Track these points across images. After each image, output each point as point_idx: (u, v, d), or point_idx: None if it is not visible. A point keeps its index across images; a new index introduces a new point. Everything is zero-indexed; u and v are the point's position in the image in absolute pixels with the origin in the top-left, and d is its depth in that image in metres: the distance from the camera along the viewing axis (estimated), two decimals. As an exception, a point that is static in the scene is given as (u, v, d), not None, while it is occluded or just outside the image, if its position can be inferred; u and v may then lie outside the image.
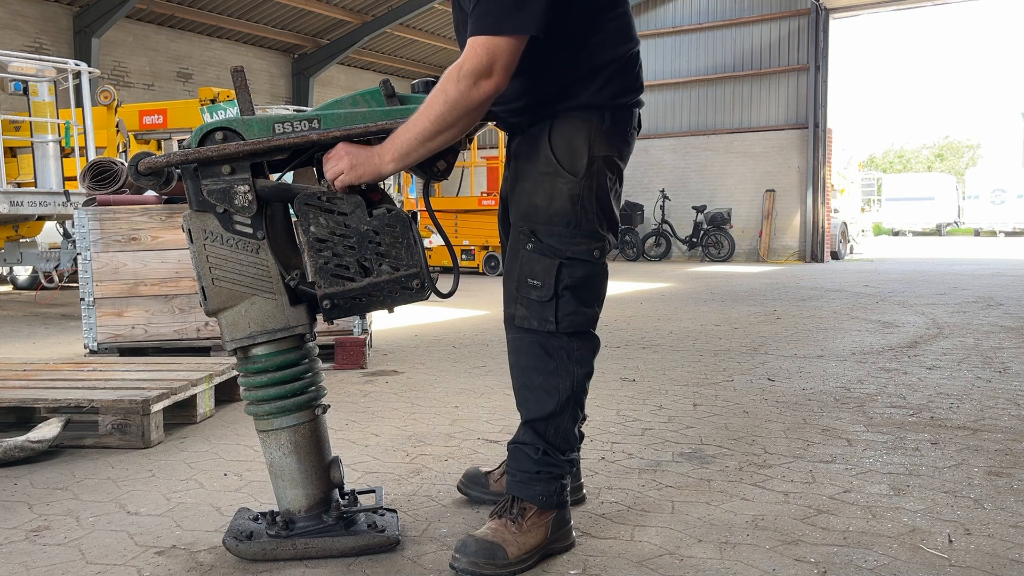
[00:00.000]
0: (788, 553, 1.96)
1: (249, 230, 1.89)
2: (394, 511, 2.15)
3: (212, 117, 7.15)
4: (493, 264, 12.92)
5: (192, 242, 1.90)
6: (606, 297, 2.11)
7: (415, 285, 1.93)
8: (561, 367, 1.96)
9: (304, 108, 15.12)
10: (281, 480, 1.99)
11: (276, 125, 1.87)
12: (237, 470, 2.69)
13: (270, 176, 1.97)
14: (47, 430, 2.84)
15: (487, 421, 3.32)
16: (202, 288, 1.91)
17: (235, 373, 3.67)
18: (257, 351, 1.95)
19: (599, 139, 1.93)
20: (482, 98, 1.78)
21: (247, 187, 1.87)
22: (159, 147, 10.58)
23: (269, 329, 1.92)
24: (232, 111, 7.45)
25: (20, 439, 2.76)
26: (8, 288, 10.87)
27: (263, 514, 2.05)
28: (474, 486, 2.35)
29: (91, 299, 4.54)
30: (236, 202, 1.87)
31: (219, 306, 1.92)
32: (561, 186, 1.92)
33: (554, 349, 1.96)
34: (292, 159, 1.95)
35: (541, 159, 1.94)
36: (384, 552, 1.98)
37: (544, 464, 1.98)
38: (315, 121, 1.88)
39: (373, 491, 2.24)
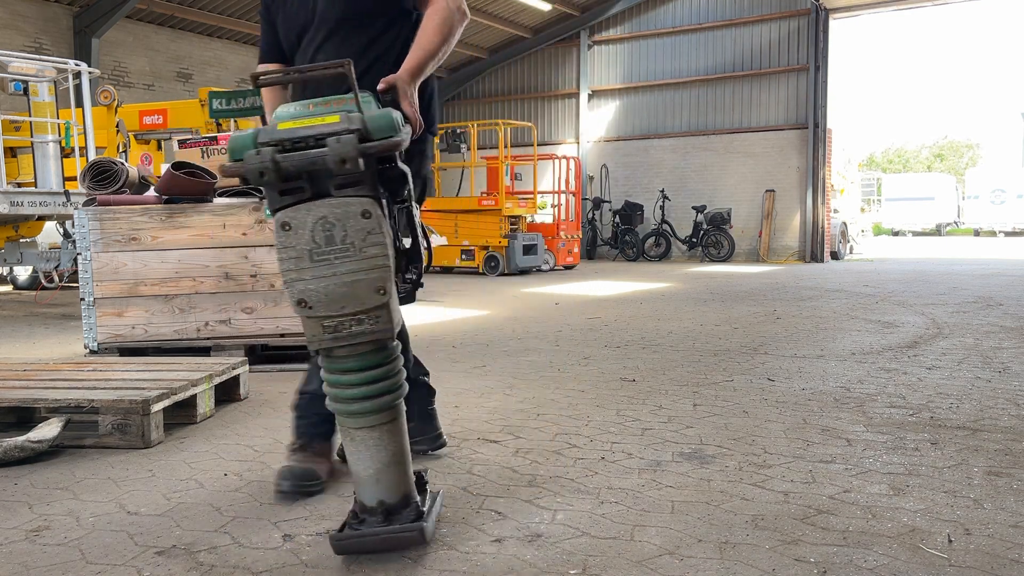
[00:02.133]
0: (788, 553, 1.97)
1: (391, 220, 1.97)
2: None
3: (228, 105, 7.53)
4: (493, 264, 12.92)
5: (382, 230, 1.87)
6: (607, 297, 2.21)
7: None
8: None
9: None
10: (397, 468, 1.98)
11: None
12: (237, 470, 2.69)
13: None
14: (47, 430, 2.84)
15: (487, 421, 3.31)
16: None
17: (236, 373, 3.68)
18: (393, 342, 2.00)
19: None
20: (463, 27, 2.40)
21: (410, 177, 1.97)
22: (159, 147, 10.57)
23: (400, 318, 1.99)
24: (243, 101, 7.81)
25: (20, 439, 2.76)
26: (8, 288, 10.87)
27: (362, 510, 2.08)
28: (312, 482, 2.44)
29: (91, 299, 4.54)
30: (406, 191, 1.97)
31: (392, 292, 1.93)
32: None
33: None
34: None
35: None
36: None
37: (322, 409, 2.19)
38: None
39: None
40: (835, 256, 17.20)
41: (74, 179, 7.26)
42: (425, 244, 2.14)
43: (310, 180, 1.84)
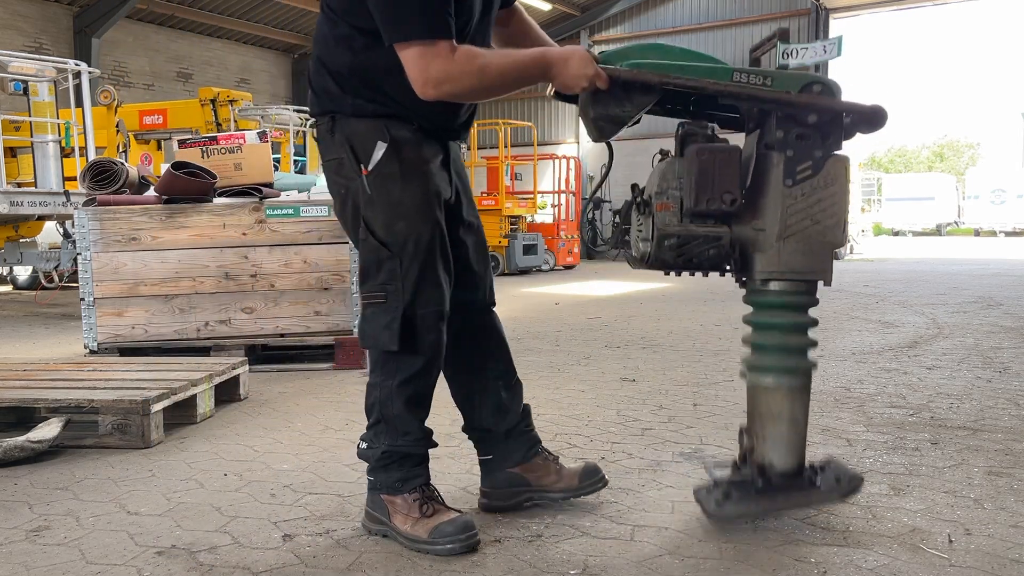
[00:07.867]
0: (788, 553, 1.96)
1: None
2: None
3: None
4: (493, 264, 12.93)
5: (837, 183, 2.10)
6: (607, 297, 2.17)
7: None
8: None
9: (304, 108, 15.08)
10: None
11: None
12: (237, 470, 2.69)
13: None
14: (47, 430, 2.84)
15: (487, 421, 3.31)
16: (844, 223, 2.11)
17: (236, 373, 3.68)
18: None
19: None
20: None
21: None
22: (159, 147, 10.58)
23: None
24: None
25: (20, 439, 2.76)
26: (8, 288, 10.87)
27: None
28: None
29: (91, 299, 4.54)
30: None
31: None
32: None
33: None
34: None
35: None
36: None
37: None
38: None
39: None
40: (835, 256, 17.19)
41: (74, 179, 7.26)
42: None
43: None
